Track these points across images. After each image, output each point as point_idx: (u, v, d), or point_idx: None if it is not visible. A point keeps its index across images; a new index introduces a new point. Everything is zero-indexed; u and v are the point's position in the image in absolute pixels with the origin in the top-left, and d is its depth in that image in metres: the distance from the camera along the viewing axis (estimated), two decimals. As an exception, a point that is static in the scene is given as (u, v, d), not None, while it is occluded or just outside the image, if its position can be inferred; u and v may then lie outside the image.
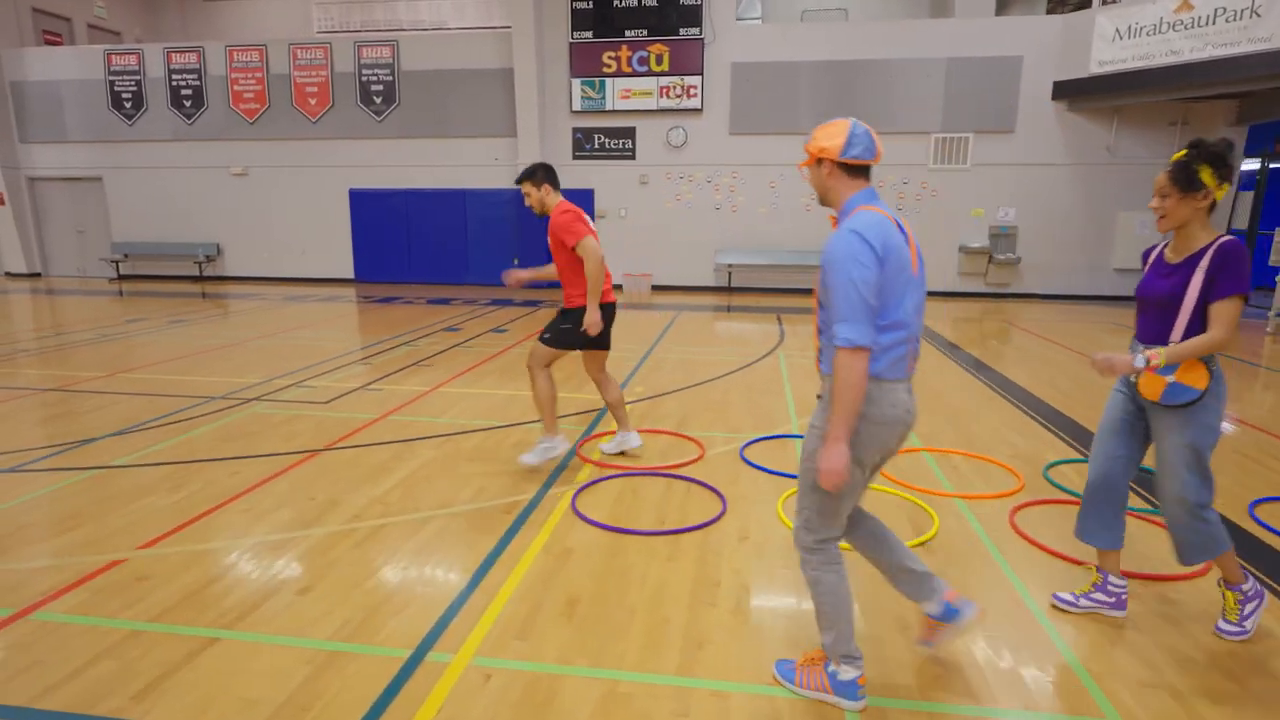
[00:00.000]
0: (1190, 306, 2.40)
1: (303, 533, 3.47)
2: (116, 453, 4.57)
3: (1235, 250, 2.34)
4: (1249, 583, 2.63)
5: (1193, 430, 2.45)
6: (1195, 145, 2.38)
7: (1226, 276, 2.33)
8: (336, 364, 7.24)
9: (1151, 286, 2.53)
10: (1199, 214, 2.40)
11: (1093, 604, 2.77)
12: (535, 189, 4.09)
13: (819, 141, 2.16)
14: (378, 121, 14.62)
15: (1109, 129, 12.61)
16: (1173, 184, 2.40)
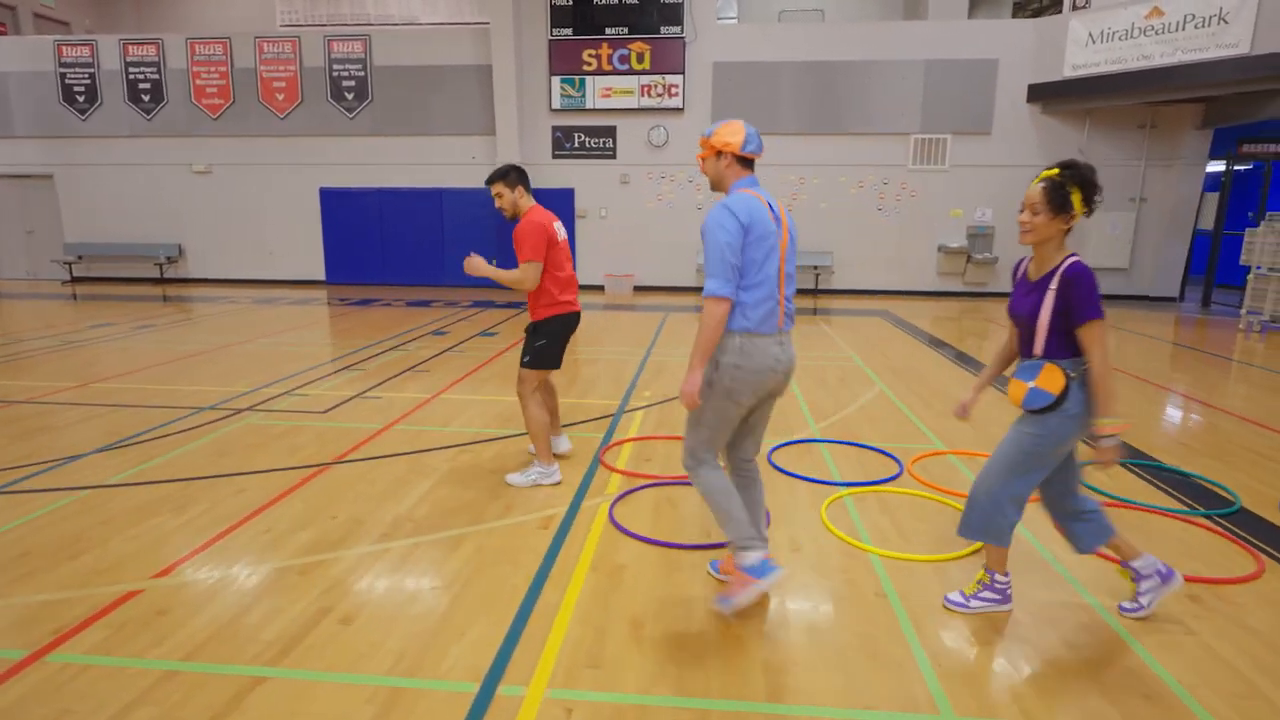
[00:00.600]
0: (1045, 325, 2.47)
1: (331, 555, 3.26)
2: (108, 470, 4.26)
3: (1081, 276, 2.40)
4: (1006, 577, 2.79)
5: (1025, 442, 2.53)
6: (1069, 166, 2.42)
7: (1081, 304, 2.39)
8: (326, 370, 6.94)
9: (1017, 305, 2.61)
10: (1060, 234, 2.46)
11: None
12: (508, 190, 3.92)
13: (723, 137, 2.63)
14: (349, 118, 14.19)
15: (1081, 131, 12.90)
16: (1046, 202, 2.42)
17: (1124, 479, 4.29)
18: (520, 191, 3.97)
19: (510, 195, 3.96)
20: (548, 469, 4.12)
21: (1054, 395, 2.46)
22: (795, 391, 6.29)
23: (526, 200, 4.00)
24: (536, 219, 3.89)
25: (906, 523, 3.67)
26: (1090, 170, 2.42)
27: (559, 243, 3.99)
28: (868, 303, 12.83)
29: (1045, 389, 2.48)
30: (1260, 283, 9.82)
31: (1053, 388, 2.46)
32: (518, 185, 3.96)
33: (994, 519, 2.66)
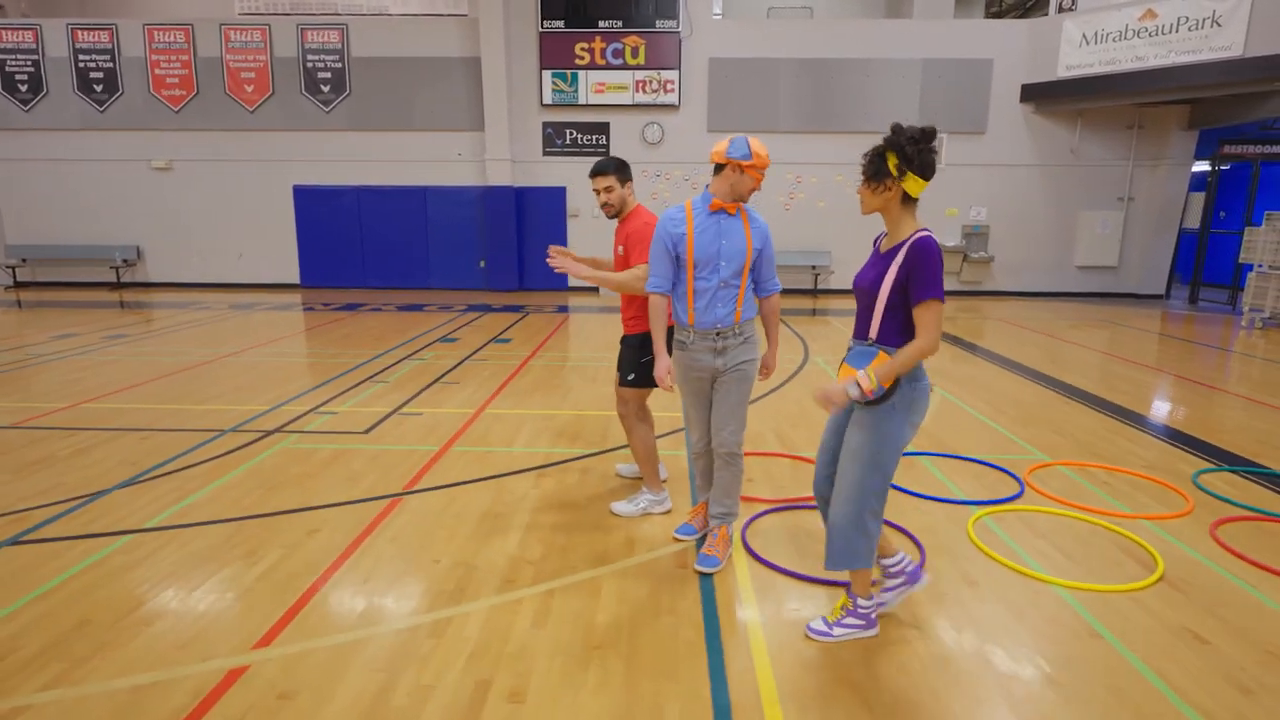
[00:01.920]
0: (884, 300, 2.34)
1: (456, 610, 2.80)
2: (142, 510, 3.68)
3: (924, 251, 2.26)
4: (871, 601, 2.63)
5: (873, 429, 2.40)
6: (892, 130, 2.30)
7: (921, 281, 2.27)
8: (345, 383, 6.36)
9: (861, 277, 2.47)
10: (892, 204, 2.35)
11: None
12: (620, 185, 3.54)
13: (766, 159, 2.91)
14: (325, 112, 13.39)
15: (1073, 131, 13.05)
16: (863, 170, 2.37)
17: (1250, 489, 4.13)
18: (629, 189, 3.58)
19: (620, 191, 3.55)
20: (658, 496, 3.73)
21: (884, 388, 2.33)
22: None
23: (633, 200, 3.62)
24: (650, 217, 3.49)
25: (1065, 545, 3.40)
26: (916, 132, 2.26)
27: None
28: (869, 303, 12.69)
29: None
30: (1261, 280, 10.02)
31: (884, 381, 2.32)
32: (628, 181, 3.58)
33: (856, 542, 2.49)
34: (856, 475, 2.45)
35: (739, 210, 2.99)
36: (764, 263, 3.06)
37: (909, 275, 2.29)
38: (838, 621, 2.64)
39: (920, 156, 2.28)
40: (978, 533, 3.50)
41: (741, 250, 2.95)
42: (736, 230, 2.97)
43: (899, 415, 2.40)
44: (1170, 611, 2.84)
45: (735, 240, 2.95)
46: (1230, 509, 3.82)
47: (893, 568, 2.73)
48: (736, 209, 2.98)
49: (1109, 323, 10.60)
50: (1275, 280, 9.87)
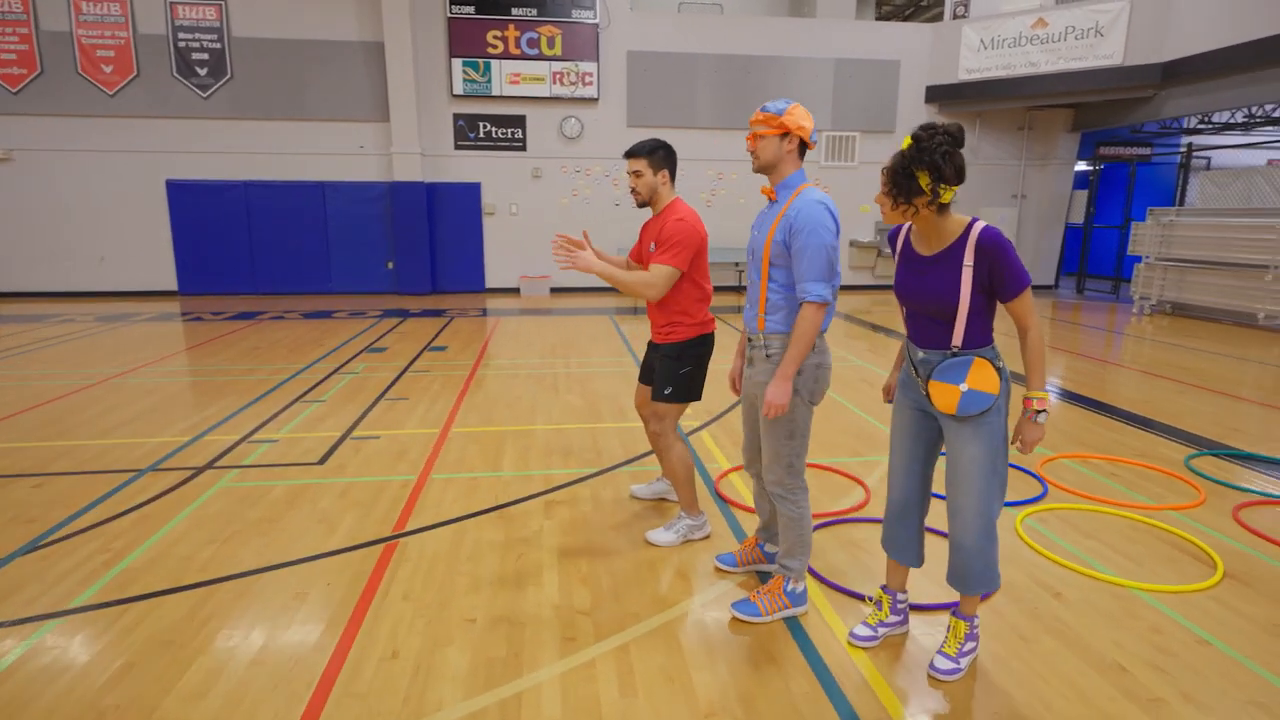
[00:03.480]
0: (965, 310, 2.13)
1: (525, 683, 2.31)
2: (63, 584, 2.89)
3: (998, 244, 2.07)
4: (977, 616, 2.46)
5: (988, 439, 2.22)
6: (915, 140, 2.07)
7: (1010, 275, 2.08)
8: (270, 406, 5.53)
9: (912, 287, 2.24)
10: (929, 214, 2.13)
11: (889, 629, 2.57)
12: (650, 171, 3.11)
13: (797, 119, 2.49)
14: (203, 98, 11.94)
15: (972, 132, 13.76)
16: (887, 191, 2.12)
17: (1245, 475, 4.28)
18: (664, 178, 3.15)
19: (651, 178, 3.13)
20: (696, 520, 3.36)
21: (994, 395, 2.15)
22: (843, 400, 5.88)
23: (668, 191, 3.19)
24: (692, 220, 3.07)
25: (1117, 544, 3.33)
26: (946, 141, 2.02)
27: (705, 249, 3.16)
28: (793, 298, 12.84)
29: (982, 390, 2.15)
30: (1148, 271, 10.90)
31: (990, 386, 2.15)
32: (663, 169, 3.13)
33: (992, 557, 2.30)
34: (980, 488, 2.23)
35: (784, 194, 2.56)
36: (794, 260, 2.46)
37: (991, 275, 2.09)
38: (960, 652, 2.40)
39: (953, 164, 2.02)
40: (1032, 537, 3.37)
41: (761, 243, 2.57)
42: (767, 219, 2.60)
43: (1004, 410, 2.22)
44: (1251, 608, 2.80)
45: (762, 230, 2.61)
46: (1235, 494, 3.92)
47: (901, 604, 2.58)
48: (777, 193, 2.58)
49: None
50: (1160, 270, 10.76)
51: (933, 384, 2.22)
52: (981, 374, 2.15)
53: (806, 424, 2.61)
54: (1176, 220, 10.54)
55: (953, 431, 2.27)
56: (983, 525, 2.25)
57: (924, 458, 2.43)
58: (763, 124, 2.49)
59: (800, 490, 2.66)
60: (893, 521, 2.50)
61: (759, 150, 2.52)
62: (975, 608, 2.42)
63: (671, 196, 3.19)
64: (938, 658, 2.40)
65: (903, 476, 2.45)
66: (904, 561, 2.53)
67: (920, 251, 2.22)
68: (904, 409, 2.44)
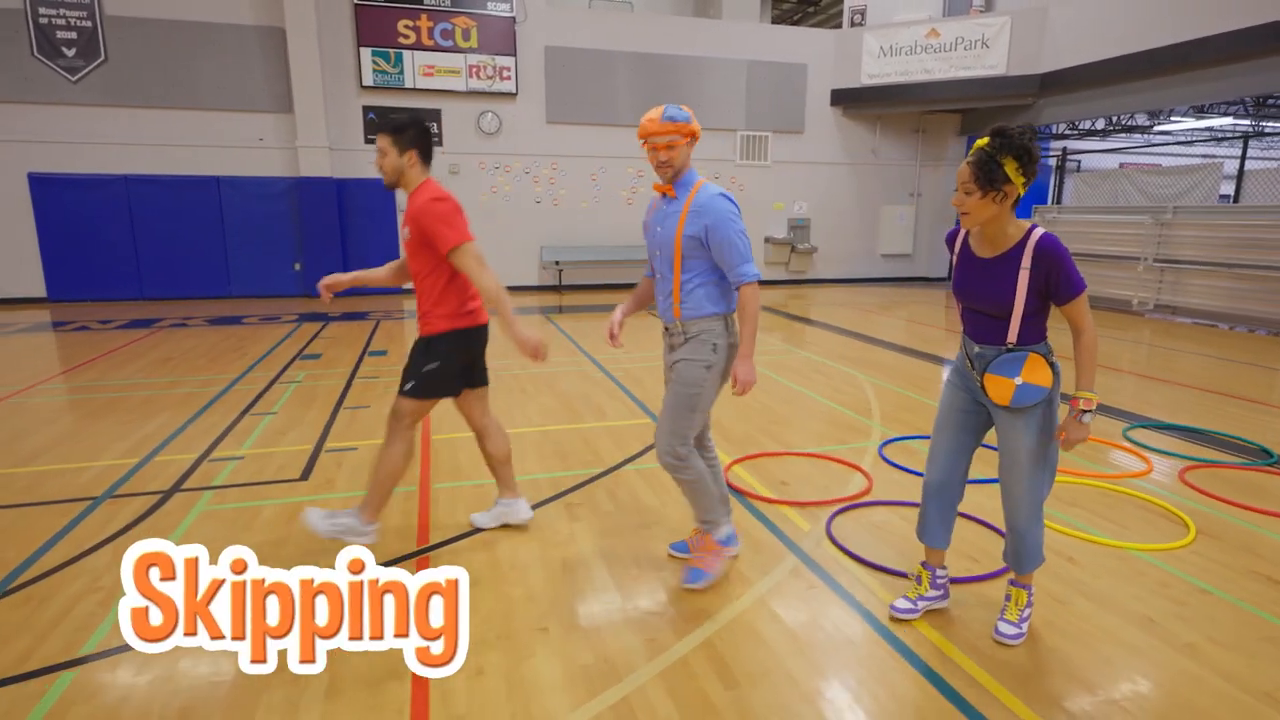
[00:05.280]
0: (1020, 310, 2.26)
1: (625, 688, 2.27)
2: (58, 636, 2.55)
3: (1056, 251, 2.19)
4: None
5: (1039, 429, 2.36)
6: (999, 134, 2.16)
7: (1067, 281, 2.20)
8: (215, 421, 5.07)
9: (971, 288, 2.36)
10: (1005, 211, 2.21)
11: (929, 603, 2.69)
12: (395, 151, 2.88)
13: (695, 123, 2.63)
14: (71, 82, 10.70)
15: (873, 133, 14.58)
16: (974, 179, 2.17)
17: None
18: (412, 158, 2.91)
19: (396, 159, 2.89)
20: (365, 527, 3.06)
21: (1047, 389, 2.29)
22: (806, 391, 6.09)
23: (419, 172, 2.94)
24: (441, 193, 2.87)
25: (1104, 511, 3.66)
26: (1025, 133, 2.14)
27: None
28: (715, 294, 13.14)
29: (1036, 383, 2.28)
30: (1035, 263, 11.95)
31: (1043, 380, 2.28)
32: (410, 149, 2.89)
33: (1040, 536, 2.50)
34: (1031, 475, 2.39)
35: (683, 191, 2.67)
36: (714, 251, 2.62)
37: (1048, 279, 2.20)
38: (1020, 618, 2.56)
39: (1035, 156, 2.15)
40: (1027, 508, 3.65)
41: (670, 238, 2.68)
42: (671, 215, 2.69)
43: (1057, 402, 2.36)
44: (1228, 557, 3.17)
45: (668, 227, 2.70)
46: (1176, 460, 4.41)
47: (940, 579, 2.69)
48: (676, 191, 2.69)
49: (891, 303, 12.02)
50: (1045, 262, 11.83)
51: (988, 377, 2.33)
52: (1036, 369, 2.28)
53: (712, 401, 2.79)
54: (1058, 217, 11.65)
55: (1005, 422, 2.39)
56: (1033, 510, 2.43)
57: (970, 445, 2.56)
58: (675, 133, 2.58)
59: (690, 456, 2.80)
60: (929, 500, 2.61)
61: (675, 158, 2.62)
62: (1032, 577, 2.61)
63: (423, 178, 2.96)
64: (1001, 624, 2.56)
65: (945, 459, 2.56)
66: (933, 544, 2.63)
67: (979, 254, 2.33)
68: (955, 398, 2.55)
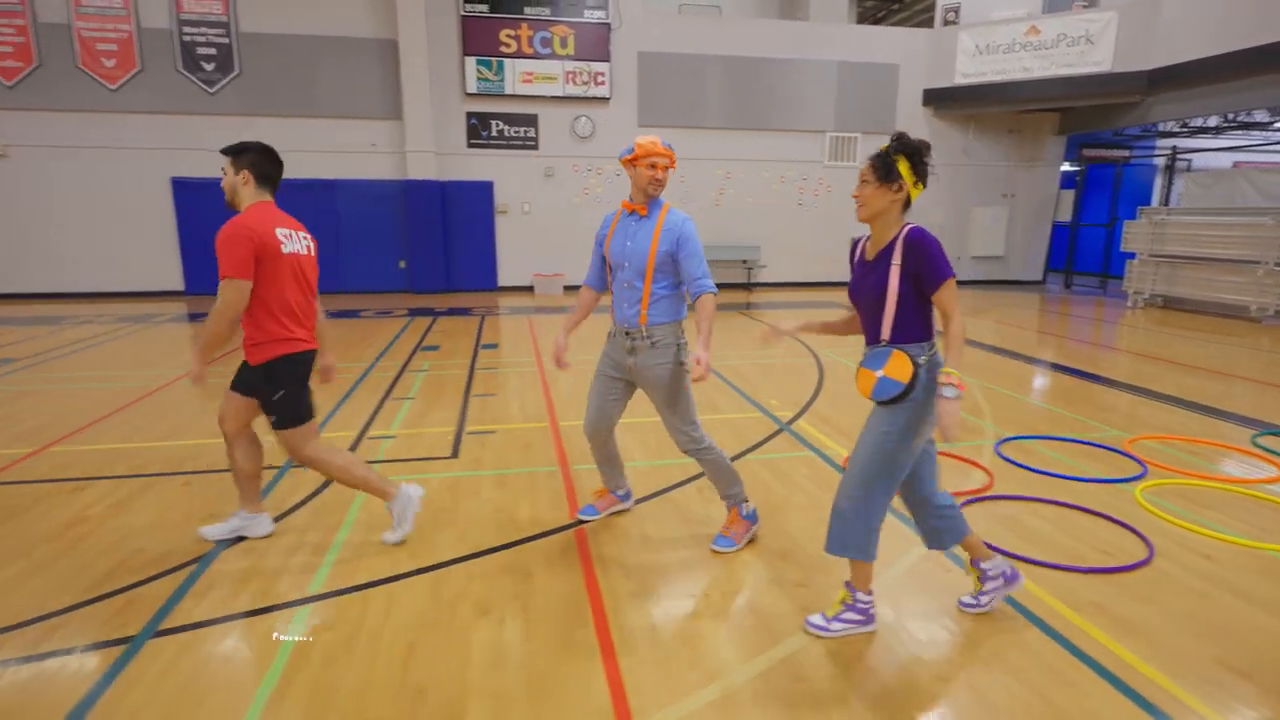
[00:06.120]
0: (894, 303, 2.36)
1: (793, 645, 2.50)
2: (284, 573, 2.97)
3: (922, 240, 2.33)
4: (870, 595, 2.59)
5: (890, 424, 2.39)
6: (897, 138, 2.40)
7: (932, 267, 2.31)
8: (362, 404, 5.57)
9: (857, 288, 2.50)
10: (894, 206, 2.39)
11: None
12: (232, 170, 2.94)
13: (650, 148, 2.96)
14: (209, 94, 11.69)
15: (965, 133, 14.32)
16: (873, 170, 2.39)
17: (1300, 448, 4.70)
18: (246, 178, 2.93)
19: (231, 178, 2.95)
20: (253, 517, 3.26)
21: (903, 384, 2.34)
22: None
23: (249, 193, 2.95)
24: (249, 222, 2.83)
25: (1236, 514, 3.67)
26: (920, 143, 2.39)
27: (284, 256, 2.91)
28: (801, 294, 13.21)
29: (894, 378, 2.35)
30: (1141, 266, 11.56)
31: (901, 376, 2.34)
32: (244, 170, 2.93)
33: (858, 530, 2.46)
34: (864, 463, 2.43)
35: (654, 211, 3.04)
36: (683, 263, 2.99)
37: (917, 269, 2.31)
38: (836, 616, 2.58)
39: (925, 166, 2.39)
40: (1158, 509, 3.69)
41: (644, 252, 2.99)
42: (644, 232, 3.02)
43: (920, 410, 2.38)
44: (1377, 563, 3.16)
45: (640, 242, 3.01)
46: (1312, 467, 4.33)
47: (991, 571, 2.69)
48: (648, 210, 3.03)
49: (982, 308, 11.77)
50: (1152, 266, 11.43)
51: (859, 370, 2.45)
52: (897, 364, 2.35)
53: (690, 386, 3.15)
54: (1167, 219, 11.21)
55: (872, 415, 2.47)
56: (849, 495, 2.44)
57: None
58: (670, 159, 3.01)
59: (706, 439, 3.19)
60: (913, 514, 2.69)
61: (665, 180, 3.03)
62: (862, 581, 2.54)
63: (253, 200, 2.96)
64: (815, 614, 2.62)
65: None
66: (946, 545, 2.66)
67: (868, 257, 2.48)
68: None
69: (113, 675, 2.33)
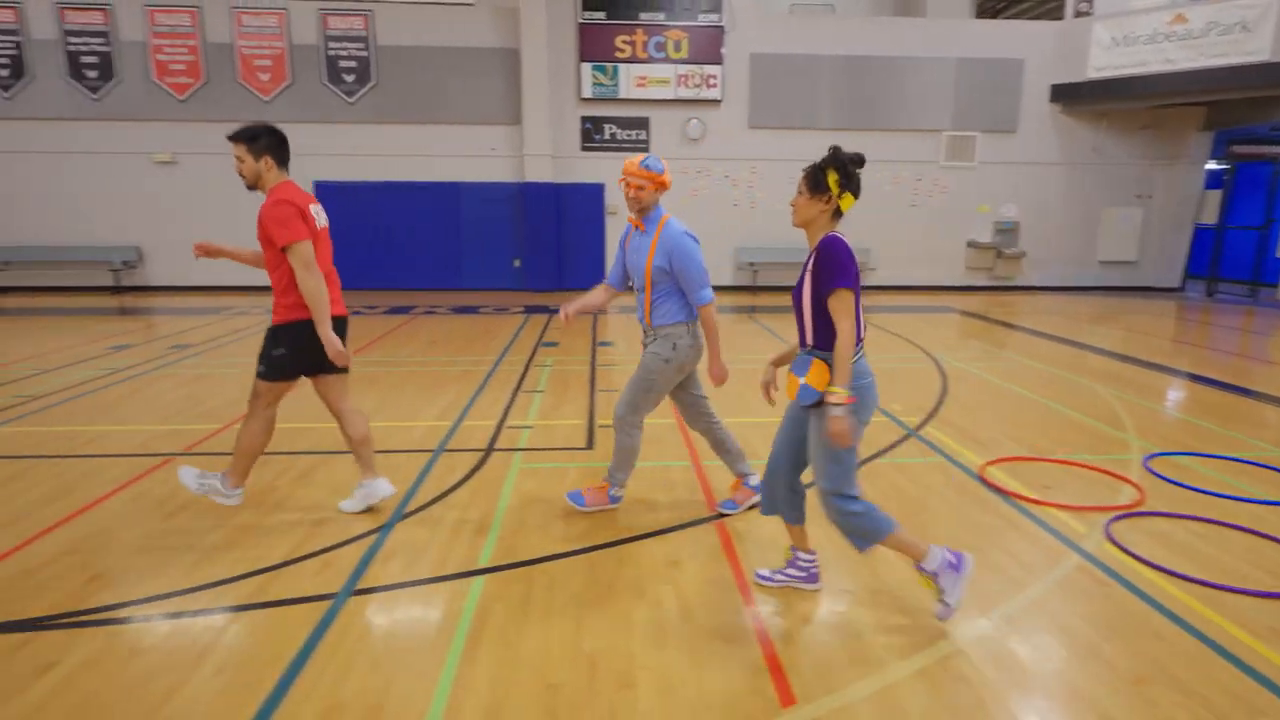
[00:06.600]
0: (809, 307, 2.52)
1: (947, 647, 2.55)
2: (454, 548, 3.26)
3: (826, 247, 2.47)
4: (930, 557, 2.61)
5: (822, 428, 2.51)
6: (831, 151, 2.52)
7: (827, 273, 2.44)
8: (498, 396, 5.92)
9: (793, 293, 2.66)
10: (822, 216, 2.52)
11: (787, 579, 2.93)
12: (251, 158, 3.23)
13: (668, 175, 3.29)
14: (349, 103, 12.61)
15: (1096, 130, 13.52)
16: (805, 182, 2.53)
17: None
18: (267, 163, 3.26)
19: (253, 164, 3.25)
20: (230, 490, 3.54)
21: (820, 393, 2.48)
22: (1030, 394, 5.97)
23: (274, 175, 3.29)
24: (291, 197, 3.22)
25: None
26: (850, 156, 2.52)
27: (318, 231, 3.34)
28: (911, 298, 12.87)
29: (812, 385, 2.50)
30: (1302, 273, 10.60)
31: (818, 384, 2.49)
32: (264, 155, 3.24)
33: (853, 524, 2.62)
34: (821, 468, 2.59)
35: (650, 226, 3.31)
36: (679, 278, 3.26)
37: (819, 274, 2.45)
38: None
39: (856, 178, 2.53)
40: (1333, 534, 3.46)
41: (642, 266, 3.32)
42: (642, 247, 3.33)
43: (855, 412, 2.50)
44: None
45: (639, 256, 3.35)
46: None
47: (801, 562, 2.91)
48: (645, 226, 3.33)
49: (1109, 313, 11.01)
50: (1314, 273, 10.45)
51: (788, 374, 2.64)
52: (816, 372, 2.51)
53: (667, 387, 3.44)
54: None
55: (810, 419, 2.62)
56: (825, 500, 2.61)
57: (788, 435, 2.78)
58: (646, 179, 3.23)
59: (636, 428, 3.50)
60: (765, 481, 2.90)
61: (642, 198, 3.26)
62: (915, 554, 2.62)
63: (278, 180, 3.30)
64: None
65: (775, 447, 2.83)
66: (787, 519, 2.90)
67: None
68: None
69: (325, 626, 2.66)
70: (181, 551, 3.22)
